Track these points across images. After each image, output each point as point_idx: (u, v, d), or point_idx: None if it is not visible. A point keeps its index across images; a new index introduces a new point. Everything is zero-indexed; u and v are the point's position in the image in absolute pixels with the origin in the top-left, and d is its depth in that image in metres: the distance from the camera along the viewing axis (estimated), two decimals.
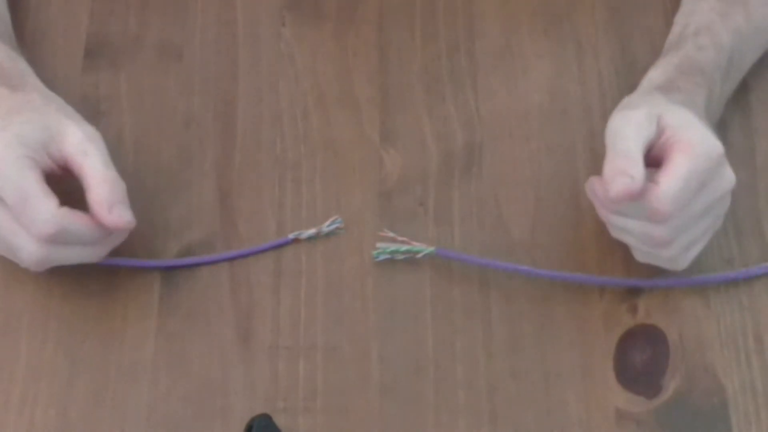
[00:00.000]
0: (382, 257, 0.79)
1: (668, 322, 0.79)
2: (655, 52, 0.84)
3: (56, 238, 0.73)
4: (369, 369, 0.77)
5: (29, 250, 0.73)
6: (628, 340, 0.78)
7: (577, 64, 0.87)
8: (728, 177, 0.73)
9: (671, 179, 0.70)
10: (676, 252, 0.74)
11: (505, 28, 0.89)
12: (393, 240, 0.80)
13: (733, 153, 0.83)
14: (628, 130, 0.71)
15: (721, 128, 0.81)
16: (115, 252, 0.79)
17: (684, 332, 0.78)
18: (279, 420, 0.72)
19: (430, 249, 0.79)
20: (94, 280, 0.79)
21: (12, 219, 0.72)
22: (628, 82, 0.84)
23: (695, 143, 0.71)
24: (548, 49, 0.88)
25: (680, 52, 0.79)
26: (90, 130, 0.76)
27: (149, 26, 0.88)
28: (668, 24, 0.85)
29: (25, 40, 0.87)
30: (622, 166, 0.70)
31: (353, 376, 0.77)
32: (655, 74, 0.78)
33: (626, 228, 0.74)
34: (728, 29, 0.79)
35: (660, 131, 0.72)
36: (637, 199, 0.70)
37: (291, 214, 0.82)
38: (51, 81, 0.81)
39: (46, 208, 0.72)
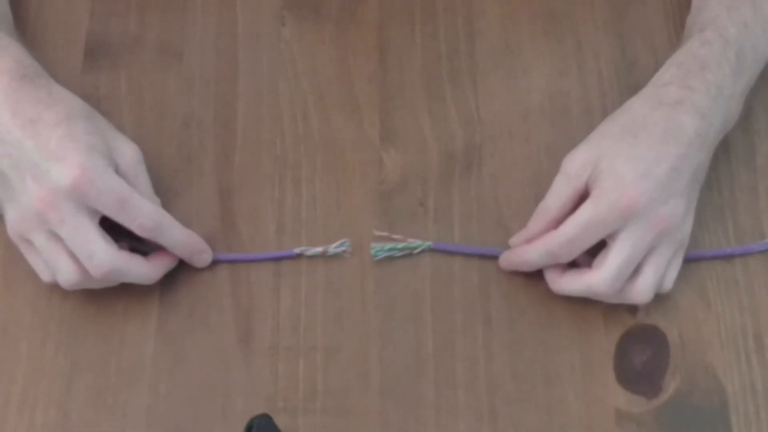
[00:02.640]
0: (381, 255, 0.80)
1: (668, 322, 0.79)
2: (655, 52, 0.84)
3: (154, 234, 0.76)
4: (369, 369, 0.77)
5: (101, 256, 0.74)
6: (628, 340, 0.78)
7: (577, 64, 0.87)
8: (654, 221, 0.74)
9: (569, 223, 0.75)
10: (637, 294, 0.75)
11: (505, 28, 0.89)
12: (388, 239, 0.80)
13: (734, 154, 0.83)
14: (557, 184, 0.77)
15: None
16: None
17: (684, 332, 0.78)
18: (279, 420, 0.72)
19: (427, 244, 0.79)
20: None
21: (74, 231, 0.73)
22: (628, 82, 0.84)
23: (605, 192, 0.74)
24: (548, 49, 0.88)
25: (683, 49, 0.79)
26: (136, 148, 0.78)
27: (149, 26, 0.88)
28: (668, 24, 0.85)
29: (25, 40, 0.86)
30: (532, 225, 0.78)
31: (353, 377, 0.77)
32: (659, 74, 0.78)
33: (572, 290, 0.77)
34: (734, 22, 0.78)
35: (589, 175, 0.75)
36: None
37: (291, 214, 0.82)
38: None
39: (145, 204, 0.75)
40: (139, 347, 0.78)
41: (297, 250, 0.80)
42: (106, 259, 0.74)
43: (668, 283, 0.77)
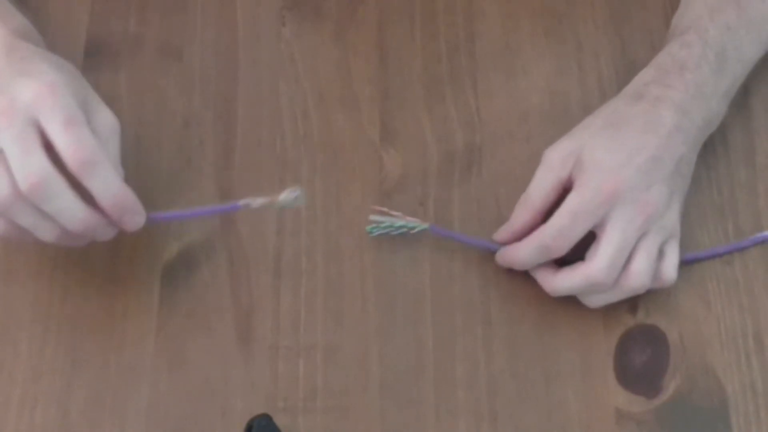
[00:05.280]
0: (377, 232, 0.80)
1: (668, 322, 0.79)
2: (655, 52, 0.84)
3: (86, 170, 0.71)
4: (369, 369, 0.77)
5: (37, 165, 0.70)
6: (628, 340, 0.78)
7: (577, 64, 0.87)
8: (639, 206, 0.74)
9: (558, 215, 0.75)
10: (633, 279, 0.75)
11: (505, 28, 0.89)
12: (387, 214, 0.80)
13: (734, 153, 0.83)
14: (540, 175, 0.78)
15: (721, 128, 0.82)
16: (114, 252, 0.79)
17: (684, 332, 0.78)
18: (279, 420, 0.72)
19: (425, 225, 0.79)
20: (95, 280, 0.79)
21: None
22: (628, 82, 0.84)
23: (588, 180, 0.75)
24: (548, 49, 0.88)
25: (663, 51, 0.80)
26: (115, 119, 0.75)
27: (149, 26, 0.88)
28: (668, 24, 0.85)
29: None
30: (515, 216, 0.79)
31: (353, 376, 0.77)
32: (638, 77, 0.80)
33: (570, 287, 0.77)
34: (716, 24, 0.80)
35: (573, 166, 0.76)
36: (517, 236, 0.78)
37: (291, 214, 0.82)
38: None
39: (90, 136, 0.71)
40: (139, 347, 0.77)
41: (241, 202, 0.76)
42: (41, 168, 0.69)
43: (670, 272, 0.76)
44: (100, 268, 0.79)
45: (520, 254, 0.77)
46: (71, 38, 0.87)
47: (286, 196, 0.75)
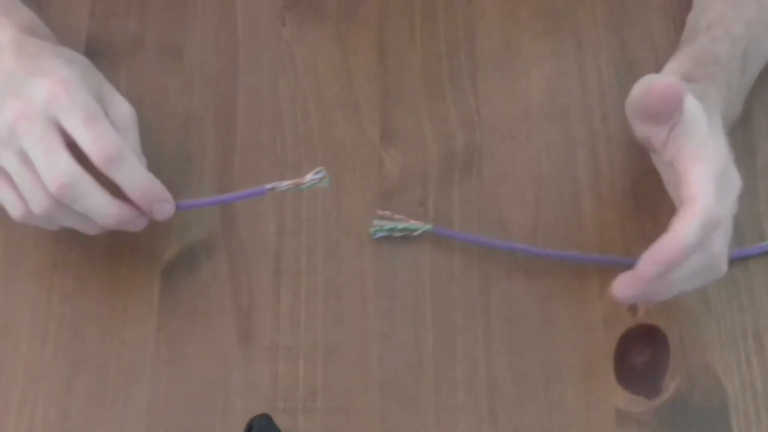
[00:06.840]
0: (379, 234, 0.80)
1: (668, 322, 0.79)
2: (655, 52, 0.85)
3: (113, 165, 0.72)
4: (369, 369, 0.77)
5: (63, 166, 0.70)
6: (628, 340, 0.78)
7: (577, 64, 0.87)
8: (735, 175, 0.73)
9: (702, 186, 0.69)
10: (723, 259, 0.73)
11: (505, 28, 0.89)
12: (390, 218, 0.80)
13: (734, 154, 0.83)
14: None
15: None
16: (114, 252, 0.79)
17: (684, 332, 0.78)
18: (279, 420, 0.72)
19: (427, 227, 0.79)
20: (94, 280, 0.79)
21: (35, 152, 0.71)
22: (628, 82, 0.83)
23: (704, 147, 0.71)
24: (548, 49, 0.88)
25: (695, 45, 0.78)
26: (131, 107, 0.77)
27: (149, 26, 0.88)
28: (668, 24, 0.85)
29: None
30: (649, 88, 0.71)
31: (353, 376, 0.77)
32: (672, 65, 0.78)
33: (688, 270, 0.71)
34: (741, 20, 0.79)
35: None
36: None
37: (291, 214, 0.82)
38: None
39: (113, 132, 0.72)
40: (139, 347, 0.77)
41: (268, 186, 0.76)
42: (67, 169, 0.70)
43: (725, 264, 0.73)
44: (100, 268, 0.79)
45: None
46: (71, 38, 0.87)
47: (311, 177, 0.76)
